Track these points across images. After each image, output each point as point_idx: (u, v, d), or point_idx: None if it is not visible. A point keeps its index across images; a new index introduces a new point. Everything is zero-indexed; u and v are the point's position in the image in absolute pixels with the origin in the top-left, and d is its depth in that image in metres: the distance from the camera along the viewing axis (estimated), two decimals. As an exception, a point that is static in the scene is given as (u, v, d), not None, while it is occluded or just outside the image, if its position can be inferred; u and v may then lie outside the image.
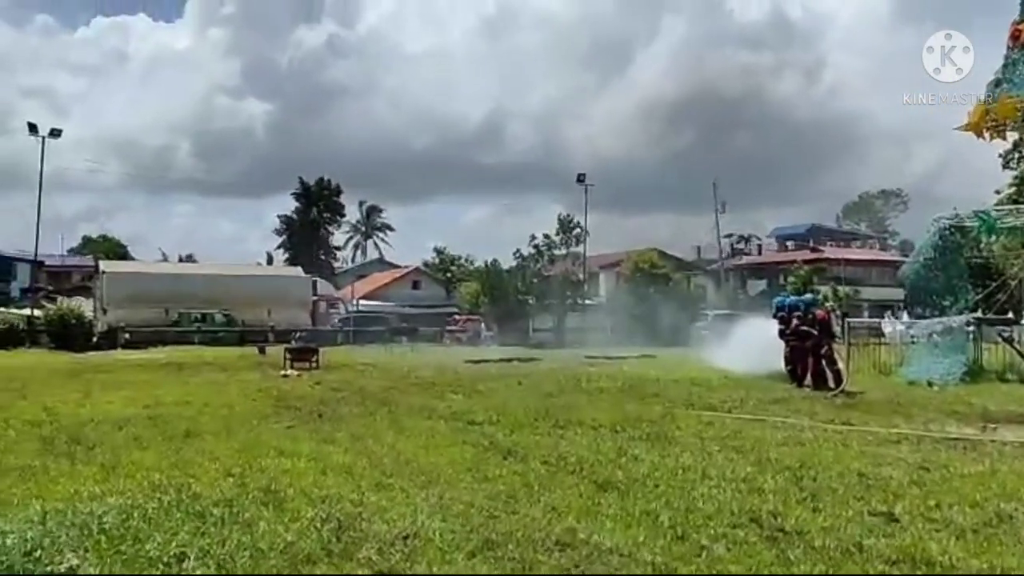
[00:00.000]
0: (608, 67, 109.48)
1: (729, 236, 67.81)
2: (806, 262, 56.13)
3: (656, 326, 40.82)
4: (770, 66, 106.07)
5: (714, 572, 4.57)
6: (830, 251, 66.34)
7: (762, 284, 65.55)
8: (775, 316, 16.97)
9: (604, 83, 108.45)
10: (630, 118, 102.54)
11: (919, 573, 4.57)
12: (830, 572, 4.57)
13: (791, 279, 51.65)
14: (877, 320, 23.55)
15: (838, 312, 16.51)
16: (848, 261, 62.61)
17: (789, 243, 73.28)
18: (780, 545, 5.05)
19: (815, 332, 15.83)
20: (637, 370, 17.61)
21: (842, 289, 53.87)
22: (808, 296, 17.49)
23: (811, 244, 68.79)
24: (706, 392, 14.39)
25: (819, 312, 16.80)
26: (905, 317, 21.32)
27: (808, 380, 15.59)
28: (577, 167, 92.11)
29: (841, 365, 15.71)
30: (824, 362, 15.53)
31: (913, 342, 18.75)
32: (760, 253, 73.92)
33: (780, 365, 16.57)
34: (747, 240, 74.85)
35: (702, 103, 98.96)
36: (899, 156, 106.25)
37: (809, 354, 15.85)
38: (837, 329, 16.31)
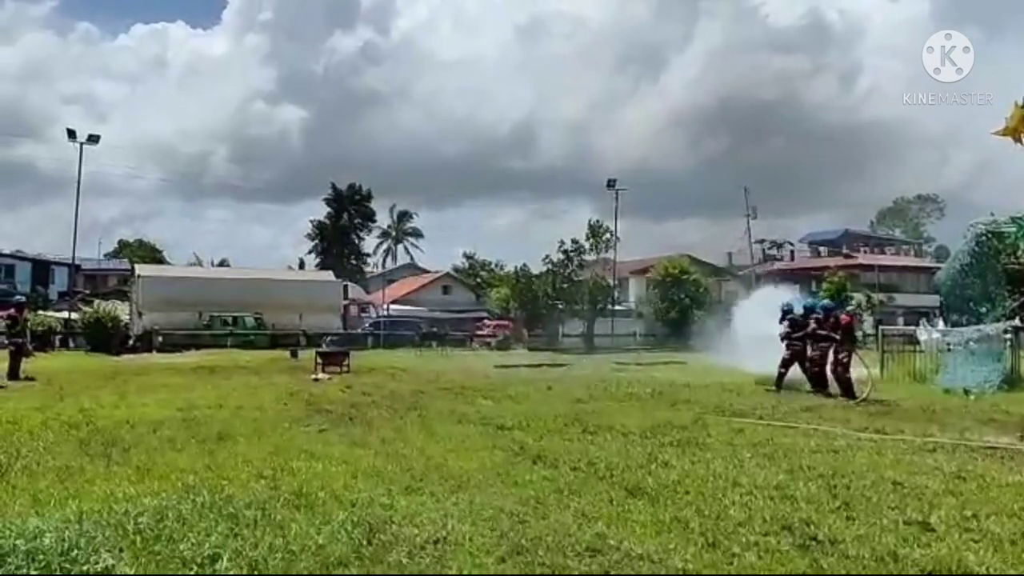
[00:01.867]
0: (641, 73, 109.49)
1: (761, 242, 67.48)
2: (839, 268, 55.53)
3: (687, 332, 40.60)
4: (805, 70, 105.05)
5: (746, 580, 4.53)
6: (864, 257, 65.63)
7: (795, 290, 64.94)
8: (781, 320, 16.88)
9: (636, 88, 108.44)
10: (662, 123, 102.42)
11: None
12: (864, 582, 4.51)
13: (824, 285, 51.10)
14: (912, 327, 23.21)
15: (862, 318, 16.41)
16: (882, 267, 61.98)
17: (822, 249, 72.58)
18: (813, 554, 5.00)
19: (836, 336, 15.70)
20: (667, 376, 17.51)
21: (876, 296, 53.25)
22: (817, 300, 17.59)
23: (844, 250, 68.07)
24: (737, 398, 14.29)
25: (844, 317, 16.73)
26: (941, 324, 20.99)
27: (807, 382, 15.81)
28: (608, 172, 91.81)
29: (856, 373, 15.55)
30: (840, 369, 15.40)
31: (949, 350, 18.46)
32: (793, 259, 73.31)
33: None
34: (779, 246, 74.30)
35: (735, 108, 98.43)
36: (935, 161, 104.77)
37: (806, 358, 16.08)
38: (859, 335, 16.01)
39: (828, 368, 15.72)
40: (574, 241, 48.31)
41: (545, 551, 4.97)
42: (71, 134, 43.36)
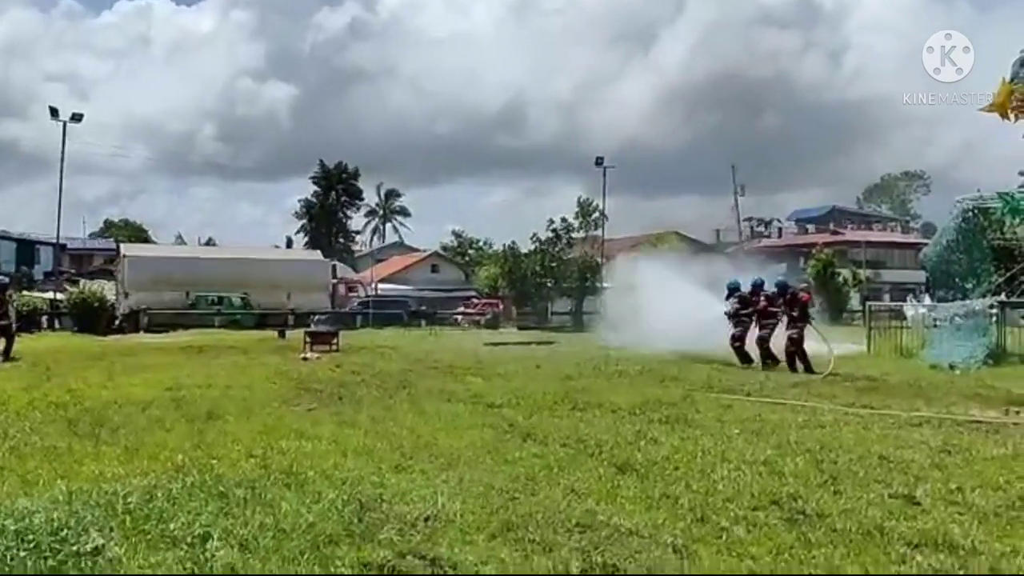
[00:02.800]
0: (632, 49, 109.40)
1: (749, 219, 67.60)
2: (826, 245, 55.68)
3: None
4: (795, 48, 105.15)
5: (735, 554, 4.57)
6: (851, 234, 65.86)
7: (782, 267, 65.16)
8: (728, 298, 17.33)
9: (627, 66, 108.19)
10: (653, 100, 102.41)
11: (941, 556, 4.55)
12: (851, 554, 4.55)
13: (811, 262, 51.30)
14: (899, 303, 23.38)
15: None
16: (869, 244, 62.23)
17: (809, 226, 72.80)
18: (801, 527, 5.04)
19: (794, 314, 16.09)
20: (656, 353, 17.56)
21: (863, 272, 53.53)
22: (757, 279, 17.88)
23: (832, 227, 68.30)
24: (725, 375, 14.36)
25: (803, 295, 17.14)
26: (927, 300, 21.18)
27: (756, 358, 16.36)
28: (599, 150, 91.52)
29: (816, 348, 15.91)
30: (790, 344, 15.89)
31: (935, 325, 18.63)
32: (780, 236, 73.52)
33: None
34: (767, 223, 74.48)
35: (726, 84, 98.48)
36: (923, 138, 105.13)
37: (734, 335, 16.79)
38: (811, 312, 16.92)
39: (770, 345, 16.27)
40: (563, 219, 48.35)
41: (535, 527, 4.99)
42: (54, 112, 42.94)
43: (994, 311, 17.75)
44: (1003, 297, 18.29)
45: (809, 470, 6.60)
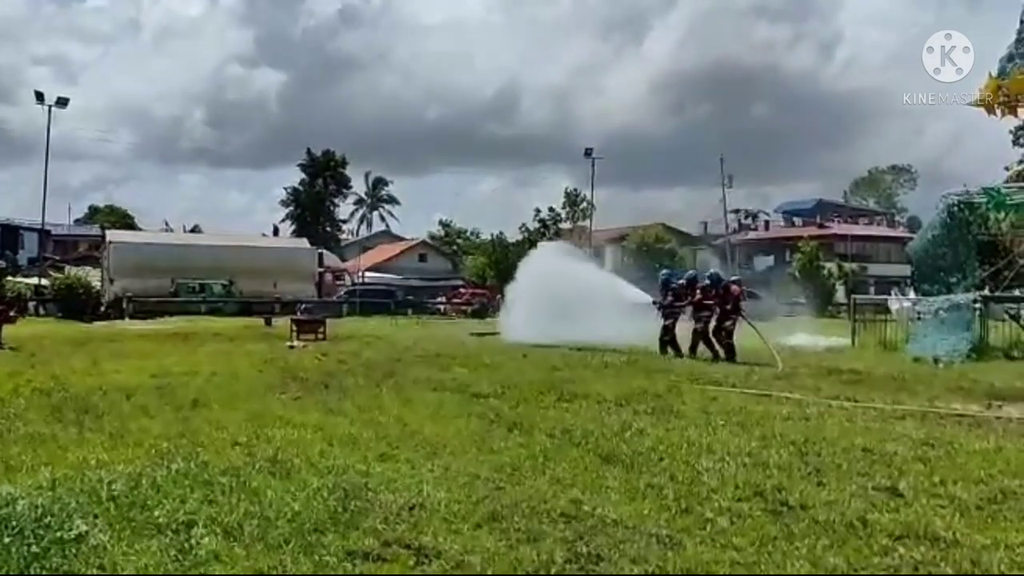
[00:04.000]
0: (622, 39, 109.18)
1: (736, 212, 67.79)
2: (812, 238, 55.91)
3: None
4: (785, 39, 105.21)
5: (719, 544, 4.59)
6: (837, 227, 66.19)
7: (769, 260, 65.58)
8: (662, 290, 18.11)
9: (618, 55, 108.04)
10: (644, 90, 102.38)
11: (923, 548, 4.59)
12: (834, 546, 4.59)
13: (797, 255, 51.52)
14: (884, 296, 23.50)
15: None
16: (855, 237, 62.60)
17: (796, 219, 73.04)
18: (784, 519, 5.07)
19: (727, 307, 16.73)
20: (642, 344, 17.59)
21: (848, 265, 53.80)
22: (691, 272, 19.17)
23: (818, 220, 68.56)
24: (711, 367, 14.41)
25: (735, 288, 17.50)
26: (912, 294, 21.28)
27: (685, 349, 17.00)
28: (589, 140, 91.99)
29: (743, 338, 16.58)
30: (724, 334, 16.58)
31: (919, 319, 18.73)
32: (767, 229, 73.80)
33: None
34: (754, 216, 74.75)
35: (715, 76, 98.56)
36: (910, 132, 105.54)
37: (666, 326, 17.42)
38: (744, 306, 17.47)
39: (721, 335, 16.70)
40: (551, 209, 48.39)
41: (520, 517, 5.00)
42: (39, 96, 42.67)
43: (978, 305, 17.85)
44: (987, 291, 18.40)
45: (793, 462, 6.64)
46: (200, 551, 4.35)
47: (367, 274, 53.90)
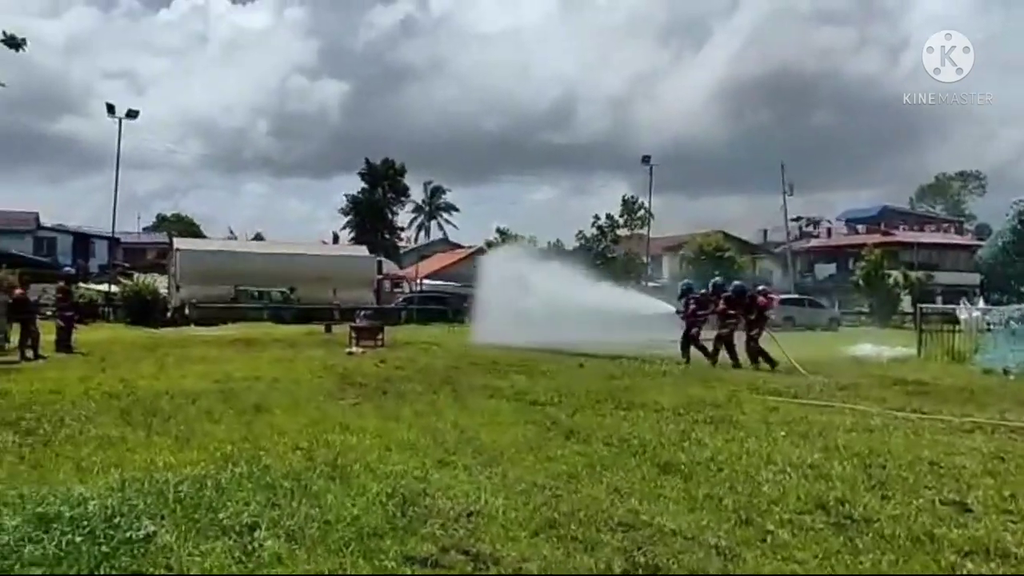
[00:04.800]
0: (683, 45, 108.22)
1: (798, 219, 66.55)
2: (877, 245, 54.67)
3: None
4: (849, 44, 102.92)
5: (780, 557, 4.52)
6: (902, 234, 64.56)
7: (831, 268, 64.29)
8: (681, 297, 18.46)
9: (678, 62, 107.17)
10: (703, 97, 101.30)
11: (992, 564, 4.46)
12: (899, 561, 4.48)
13: (861, 263, 50.44)
14: (951, 306, 22.88)
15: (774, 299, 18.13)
16: (921, 245, 60.96)
17: (860, 226, 71.51)
18: (848, 532, 4.97)
19: (752, 317, 16.92)
20: (700, 353, 17.43)
21: (914, 274, 52.46)
22: (716, 280, 19.20)
23: (882, 227, 67.03)
24: (771, 376, 14.19)
25: (761, 300, 17.65)
26: (981, 303, 20.69)
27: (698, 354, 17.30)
28: (647, 147, 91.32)
29: (770, 349, 16.68)
30: (752, 343, 16.73)
31: (989, 329, 18.20)
32: (829, 236, 72.32)
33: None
34: (816, 223, 73.32)
35: (776, 82, 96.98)
36: (980, 137, 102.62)
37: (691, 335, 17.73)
38: (771, 316, 17.92)
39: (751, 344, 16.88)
40: (608, 217, 48.20)
41: (578, 525, 4.99)
42: (110, 109, 43.85)
43: (1051, 315, 17.28)
44: (1061, 301, 17.80)
45: (857, 474, 6.51)
46: (263, 553, 4.43)
47: (425, 281, 54.26)
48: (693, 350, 17.65)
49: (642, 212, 50.26)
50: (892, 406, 10.66)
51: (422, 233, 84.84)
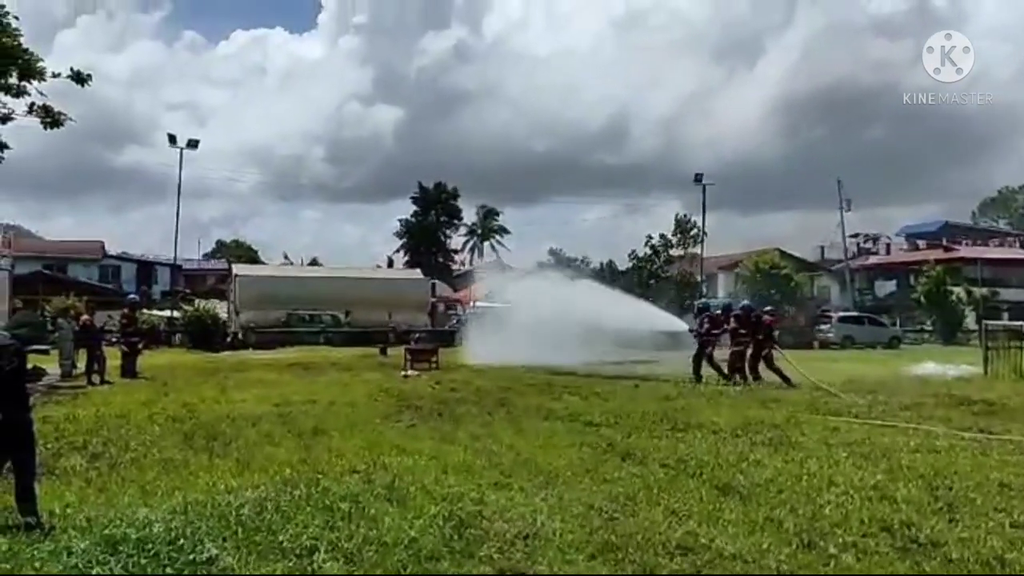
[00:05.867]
0: (736, 63, 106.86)
1: (855, 235, 65.23)
2: (939, 261, 53.32)
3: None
4: (906, 56, 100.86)
5: (843, 582, 4.43)
6: (965, 250, 62.87)
7: (891, 285, 62.87)
8: (697, 316, 18.88)
9: (731, 79, 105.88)
10: (756, 114, 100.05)
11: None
12: (969, 586, 4.36)
13: (922, 280, 49.26)
14: (1018, 322, 22.19)
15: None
16: (985, 260, 59.26)
17: (920, 242, 69.87)
18: (914, 556, 4.86)
19: (759, 337, 17.44)
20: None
21: (978, 290, 51.02)
22: (727, 302, 20.53)
23: (944, 243, 65.41)
24: (831, 397, 13.91)
25: (767, 318, 18.30)
26: (1050, 319, 20.03)
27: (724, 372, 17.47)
28: (699, 165, 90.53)
29: (782, 365, 17.15)
30: (766, 363, 17.22)
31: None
32: (888, 252, 70.79)
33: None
34: (875, 239, 71.85)
35: (831, 97, 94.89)
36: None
37: (705, 354, 17.91)
38: (776, 334, 18.48)
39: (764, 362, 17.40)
40: (661, 236, 47.92)
41: (635, 548, 4.95)
42: (172, 139, 45.19)
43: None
44: None
45: (923, 496, 6.35)
46: None
47: (478, 304, 54.44)
48: (706, 369, 17.81)
49: (695, 231, 49.73)
50: (958, 426, 10.37)
51: (475, 255, 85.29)
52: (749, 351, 17.52)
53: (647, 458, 7.98)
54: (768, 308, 20.31)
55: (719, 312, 18.81)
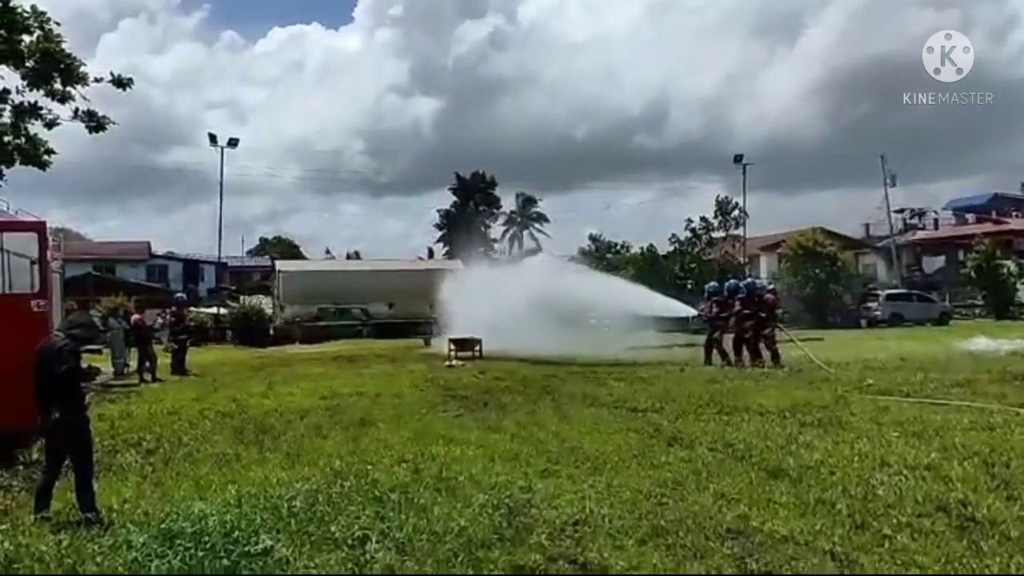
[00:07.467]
0: (776, 41, 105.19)
1: (901, 211, 63.99)
2: (988, 235, 52.04)
3: (823, 308, 39.73)
4: (952, 27, 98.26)
5: (899, 562, 4.37)
6: (1016, 223, 61.34)
7: (940, 261, 61.62)
8: (707, 299, 18.86)
9: (767, 59, 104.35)
10: (798, 92, 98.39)
11: None
12: (1029, 565, 4.27)
13: (972, 254, 48.18)
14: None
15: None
16: (1037, 233, 57.75)
17: (969, 216, 68.28)
18: (971, 535, 4.78)
19: (763, 315, 17.24)
20: (803, 354, 16.95)
21: (1030, 264, 49.74)
22: (732, 283, 19.34)
23: (994, 216, 63.88)
24: (880, 375, 13.70)
25: (769, 297, 18.17)
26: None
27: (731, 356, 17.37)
28: (740, 146, 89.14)
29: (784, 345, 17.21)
30: (767, 342, 16.99)
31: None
32: (936, 228, 69.29)
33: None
34: (921, 214, 70.42)
35: (874, 72, 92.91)
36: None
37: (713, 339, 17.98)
38: (779, 312, 18.32)
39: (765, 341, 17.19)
40: (702, 219, 47.47)
41: (686, 533, 4.94)
42: (212, 139, 45.85)
43: None
44: None
45: (978, 475, 6.23)
46: (375, 565, 4.54)
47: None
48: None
49: (736, 212, 49.12)
50: (1013, 403, 10.14)
51: (515, 244, 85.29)
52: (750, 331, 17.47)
53: (694, 442, 7.94)
54: (771, 287, 20.05)
55: (725, 295, 18.52)
